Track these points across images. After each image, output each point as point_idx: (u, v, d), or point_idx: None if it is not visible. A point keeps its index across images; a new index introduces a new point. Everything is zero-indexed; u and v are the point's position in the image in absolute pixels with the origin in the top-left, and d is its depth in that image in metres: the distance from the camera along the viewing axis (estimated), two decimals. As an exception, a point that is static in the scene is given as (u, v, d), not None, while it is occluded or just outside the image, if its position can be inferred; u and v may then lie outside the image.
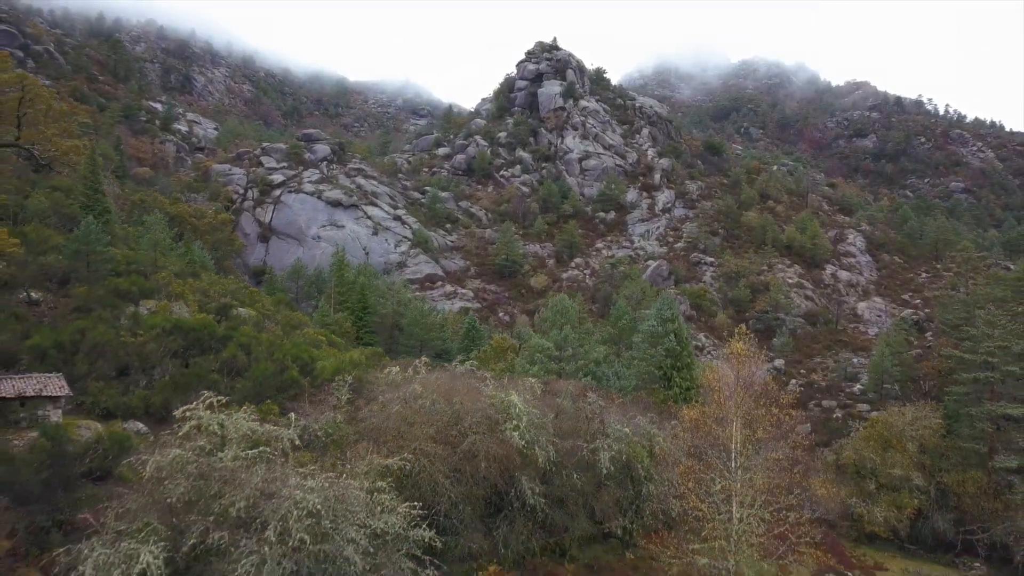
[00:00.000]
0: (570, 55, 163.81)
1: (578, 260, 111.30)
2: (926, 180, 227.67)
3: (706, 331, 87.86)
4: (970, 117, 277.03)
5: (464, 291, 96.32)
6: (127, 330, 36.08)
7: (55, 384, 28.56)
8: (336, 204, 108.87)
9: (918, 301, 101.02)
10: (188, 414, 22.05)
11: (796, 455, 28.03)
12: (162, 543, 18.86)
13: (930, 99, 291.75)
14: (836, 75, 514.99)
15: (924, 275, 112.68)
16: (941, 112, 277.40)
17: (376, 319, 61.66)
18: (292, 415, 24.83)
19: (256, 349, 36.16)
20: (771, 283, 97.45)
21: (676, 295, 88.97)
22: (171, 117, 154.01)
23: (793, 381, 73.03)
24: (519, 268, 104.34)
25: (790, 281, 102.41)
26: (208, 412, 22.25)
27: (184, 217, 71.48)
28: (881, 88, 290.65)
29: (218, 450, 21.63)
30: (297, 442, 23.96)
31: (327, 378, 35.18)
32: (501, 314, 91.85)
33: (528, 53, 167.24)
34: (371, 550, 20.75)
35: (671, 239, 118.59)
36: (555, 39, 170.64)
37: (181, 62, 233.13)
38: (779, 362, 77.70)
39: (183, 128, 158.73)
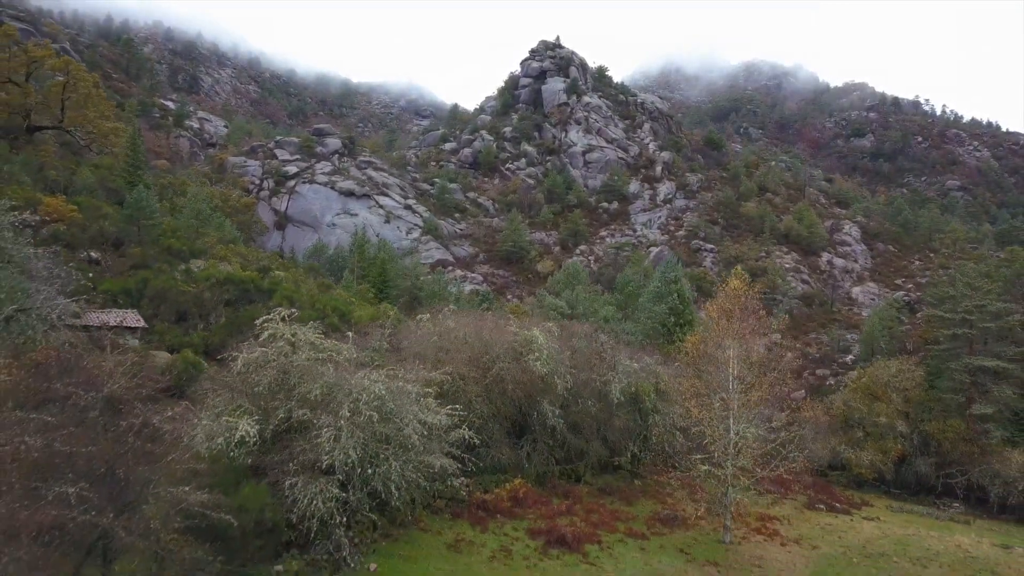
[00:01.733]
0: (573, 53, 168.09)
1: (583, 247, 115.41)
2: (923, 179, 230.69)
3: (706, 310, 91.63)
4: (967, 117, 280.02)
5: (474, 275, 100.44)
6: (183, 282, 39.93)
7: (132, 317, 32.40)
8: (349, 194, 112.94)
9: (910, 286, 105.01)
10: (266, 324, 25.88)
11: (784, 375, 31.82)
12: (254, 418, 22.70)
13: (927, 100, 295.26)
14: (834, 76, 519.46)
15: (917, 262, 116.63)
16: (938, 112, 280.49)
17: (396, 292, 65.45)
18: (349, 333, 28.69)
19: (299, 299, 39.95)
20: (769, 267, 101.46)
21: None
22: (184, 114, 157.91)
23: (789, 354, 76.87)
24: (526, 254, 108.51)
25: (787, 266, 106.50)
26: (282, 323, 26.06)
27: (212, 198, 75.41)
28: (879, 89, 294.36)
29: (292, 354, 25.44)
30: (354, 355, 27.77)
31: (364, 324, 38.98)
32: (510, 297, 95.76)
33: (532, 51, 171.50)
34: (425, 432, 24.57)
35: (672, 228, 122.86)
36: (558, 38, 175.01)
37: (188, 63, 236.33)
38: (776, 336, 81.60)
39: (195, 125, 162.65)
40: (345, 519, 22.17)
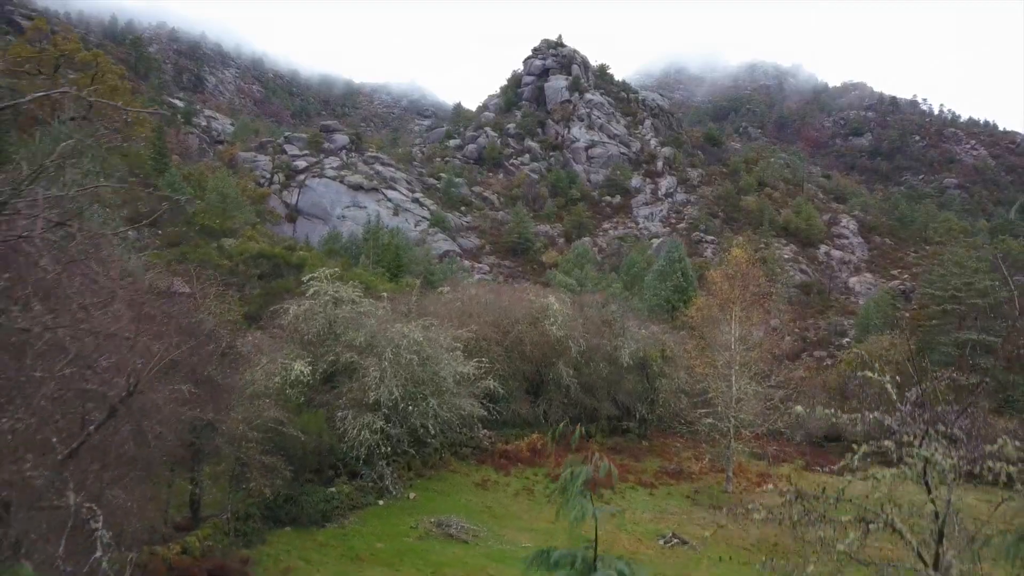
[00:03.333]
0: (575, 51, 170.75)
1: (586, 239, 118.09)
2: (920, 177, 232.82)
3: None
4: (964, 116, 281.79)
5: (480, 265, 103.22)
6: (218, 256, 42.52)
7: (179, 283, 34.92)
8: (357, 188, 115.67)
9: (906, 276, 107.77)
10: (312, 281, 28.49)
11: (783, 334, 34.43)
12: (306, 360, 25.31)
13: (925, 99, 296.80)
14: (833, 76, 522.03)
15: (913, 254, 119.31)
16: (935, 112, 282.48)
17: (409, 277, 68.04)
18: (384, 293, 31.28)
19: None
20: (768, 258, 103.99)
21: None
22: (191, 112, 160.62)
23: (788, 337, 79.51)
24: (531, 246, 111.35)
25: (786, 257, 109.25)
26: (325, 281, 28.66)
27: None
28: (877, 88, 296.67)
29: (335, 307, 28.05)
30: (390, 315, 30.35)
31: (390, 294, 41.57)
32: (516, 286, 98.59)
33: (534, 50, 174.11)
34: (458, 377, 27.19)
35: (673, 220, 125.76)
36: (560, 37, 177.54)
37: (193, 63, 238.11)
38: (775, 322, 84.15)
39: (202, 123, 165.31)
40: (388, 449, 24.76)
